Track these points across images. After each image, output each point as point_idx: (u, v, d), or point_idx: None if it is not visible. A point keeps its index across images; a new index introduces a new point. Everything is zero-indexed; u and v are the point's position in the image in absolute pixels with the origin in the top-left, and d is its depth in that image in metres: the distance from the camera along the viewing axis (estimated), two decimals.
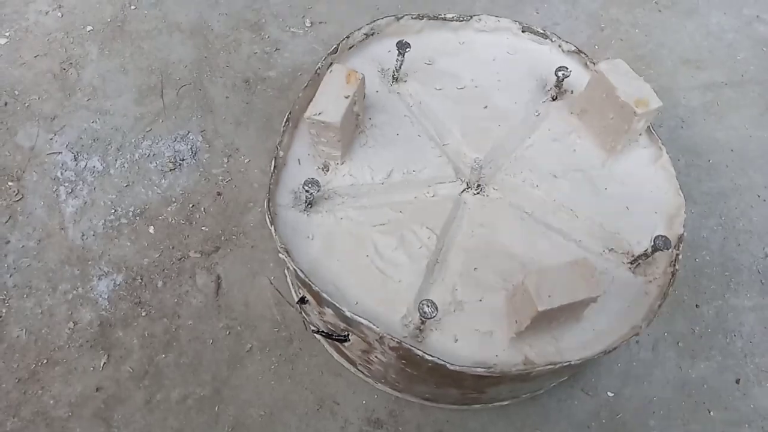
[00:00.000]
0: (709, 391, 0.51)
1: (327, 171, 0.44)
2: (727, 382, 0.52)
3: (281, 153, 0.43)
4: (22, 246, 0.54)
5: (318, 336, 0.50)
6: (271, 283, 0.53)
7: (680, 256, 0.40)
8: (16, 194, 0.56)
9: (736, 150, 0.65)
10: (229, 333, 0.51)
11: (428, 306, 0.35)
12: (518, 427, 0.49)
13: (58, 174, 0.58)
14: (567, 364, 0.35)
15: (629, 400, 0.50)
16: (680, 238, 0.41)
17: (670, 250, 0.39)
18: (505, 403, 0.48)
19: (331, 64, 0.43)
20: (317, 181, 0.41)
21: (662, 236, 0.39)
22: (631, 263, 0.40)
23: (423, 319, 0.35)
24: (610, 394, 0.50)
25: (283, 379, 0.50)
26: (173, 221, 0.56)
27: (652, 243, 0.39)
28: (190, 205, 0.57)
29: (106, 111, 0.62)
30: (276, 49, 0.67)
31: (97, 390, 0.49)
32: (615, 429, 0.49)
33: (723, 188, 0.62)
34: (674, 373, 0.52)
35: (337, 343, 0.45)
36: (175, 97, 0.63)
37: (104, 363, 0.50)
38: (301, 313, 0.46)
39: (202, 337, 0.51)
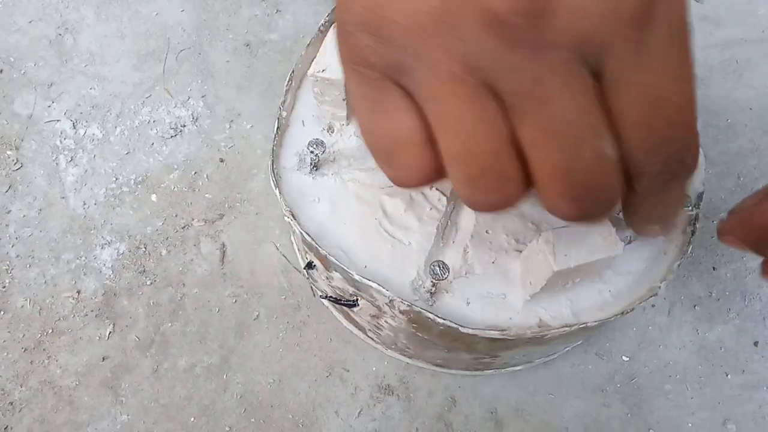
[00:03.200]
0: (727, 354, 0.50)
1: (332, 132, 0.42)
2: (745, 344, 0.50)
3: (284, 114, 0.42)
4: (24, 216, 0.53)
5: (326, 302, 0.49)
6: (278, 249, 0.52)
7: (700, 215, 0.39)
8: (15, 163, 0.55)
9: (756, 109, 0.62)
10: (236, 301, 0.51)
11: (440, 267, 0.33)
12: (531, 392, 0.48)
13: (57, 142, 0.56)
14: (583, 325, 0.34)
15: (645, 364, 0.49)
16: (700, 197, 0.40)
17: (689, 208, 0.38)
18: (518, 368, 0.47)
19: (334, 20, 0.41)
20: (323, 142, 0.39)
21: None
22: None
23: (434, 281, 0.34)
24: (625, 358, 0.49)
25: (291, 346, 0.49)
26: (176, 189, 0.55)
27: None
28: (193, 172, 0.56)
29: (104, 77, 0.60)
30: (277, 11, 0.65)
31: (103, 359, 0.48)
32: (630, 393, 0.48)
33: (742, 148, 0.60)
34: (691, 337, 0.51)
35: (345, 308, 0.44)
36: (174, 62, 0.61)
37: (110, 332, 0.49)
38: (308, 278, 0.45)
39: (208, 306, 0.50)
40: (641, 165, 0.23)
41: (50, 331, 0.49)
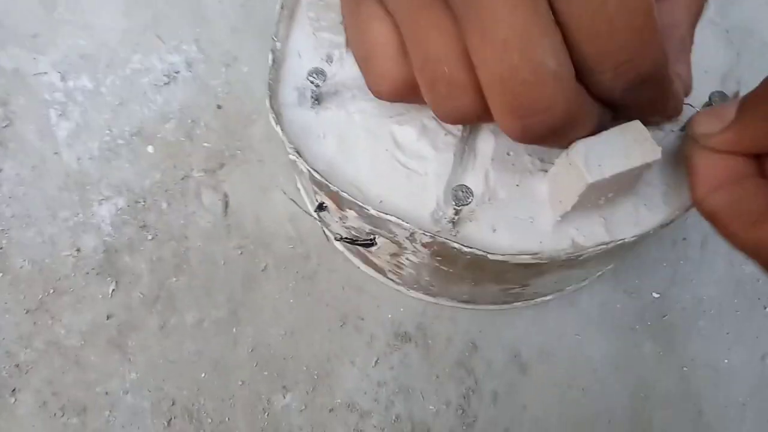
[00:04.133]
0: (765, 286, 0.47)
1: (331, 62, 0.38)
2: None
3: (278, 45, 0.38)
4: (17, 174, 0.51)
5: (340, 246, 0.46)
6: (285, 194, 0.49)
7: None
8: (4, 120, 0.52)
9: None
10: (242, 252, 0.48)
11: (463, 191, 0.30)
12: (557, 334, 0.45)
13: (47, 96, 0.54)
14: (620, 242, 0.31)
15: (676, 300, 0.46)
16: (736, 96, 0.36)
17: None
18: (549, 297, 0.44)
19: None
20: (323, 70, 0.36)
21: (718, 91, 0.33)
22: (681, 129, 0.35)
23: (457, 207, 0.31)
24: (655, 295, 0.47)
25: (302, 297, 0.47)
26: (173, 139, 0.52)
27: (708, 100, 0.33)
28: (190, 121, 0.53)
29: (91, 26, 0.57)
30: None
31: (108, 318, 0.46)
32: (662, 330, 0.45)
33: None
34: (725, 271, 0.47)
35: (362, 250, 0.41)
36: (164, 6, 0.57)
37: (113, 290, 0.47)
38: (319, 222, 0.43)
39: (213, 258, 0.48)
40: (592, 73, 0.23)
41: (52, 291, 0.47)
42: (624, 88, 0.24)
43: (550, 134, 0.24)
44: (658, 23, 0.22)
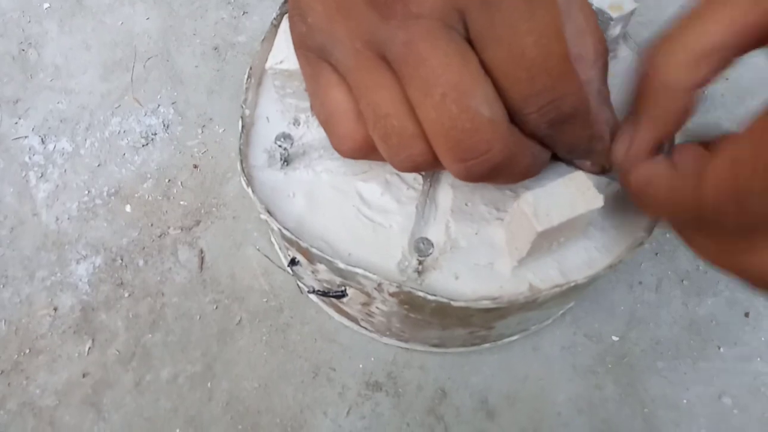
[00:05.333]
0: (718, 327, 0.49)
1: (298, 125, 0.41)
2: (736, 316, 0.50)
3: (247, 112, 0.41)
4: None
5: (313, 297, 0.48)
6: (258, 251, 0.51)
7: None
8: None
9: (732, 78, 0.62)
10: (217, 307, 0.50)
11: (424, 243, 0.33)
12: (521, 379, 0.47)
13: (26, 159, 0.55)
14: (574, 284, 0.33)
15: (635, 343, 0.48)
16: (672, 144, 0.39)
17: (663, 155, 0.37)
18: (515, 338, 0.46)
19: (286, 12, 0.41)
20: (290, 135, 0.38)
21: None
22: None
23: (420, 258, 0.33)
24: (614, 338, 0.49)
25: (275, 349, 0.48)
26: (150, 198, 0.54)
27: None
28: (167, 180, 0.55)
29: (71, 90, 0.59)
30: (244, 13, 0.64)
31: (83, 376, 0.47)
32: (623, 373, 0.47)
33: (719, 118, 0.60)
34: (680, 312, 0.50)
35: (335, 300, 0.43)
36: (142, 70, 0.60)
37: (89, 348, 0.48)
38: (293, 276, 0.44)
39: (189, 314, 0.49)
40: (520, 114, 0.26)
41: (27, 351, 0.47)
42: (548, 125, 0.27)
43: (492, 172, 0.27)
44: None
